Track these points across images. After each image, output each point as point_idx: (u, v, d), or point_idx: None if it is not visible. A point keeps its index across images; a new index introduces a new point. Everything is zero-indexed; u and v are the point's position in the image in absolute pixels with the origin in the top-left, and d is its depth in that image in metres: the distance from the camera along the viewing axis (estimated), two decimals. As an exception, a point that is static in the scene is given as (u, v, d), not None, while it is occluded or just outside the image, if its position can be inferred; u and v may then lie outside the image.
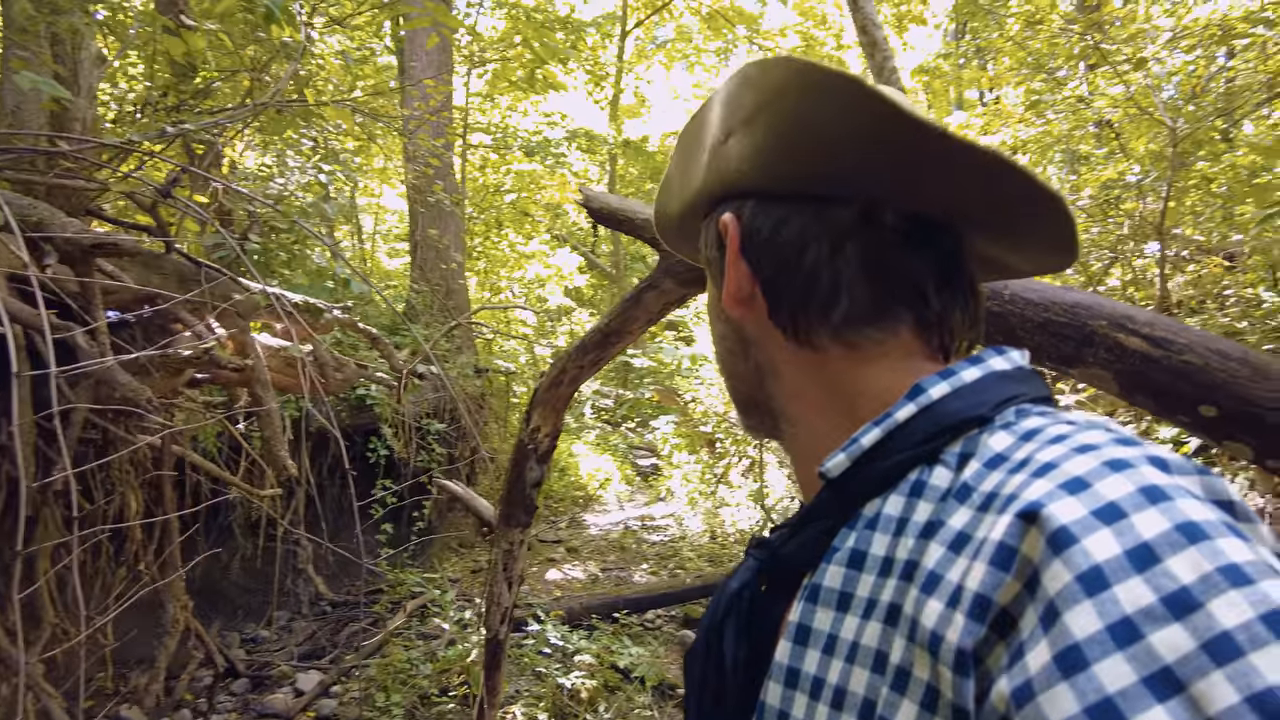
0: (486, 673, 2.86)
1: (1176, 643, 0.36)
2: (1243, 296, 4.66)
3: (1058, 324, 1.39)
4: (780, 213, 0.66)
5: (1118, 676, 0.36)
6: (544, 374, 2.46)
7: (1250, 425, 1.25)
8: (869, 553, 0.56)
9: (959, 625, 0.44)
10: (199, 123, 2.55)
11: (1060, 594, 0.39)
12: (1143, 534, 0.39)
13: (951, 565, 0.47)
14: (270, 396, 2.96)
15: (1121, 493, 0.42)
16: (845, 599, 0.56)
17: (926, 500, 0.54)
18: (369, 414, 6.23)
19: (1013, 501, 0.45)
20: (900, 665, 0.49)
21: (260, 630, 5.83)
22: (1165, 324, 1.34)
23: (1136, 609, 0.37)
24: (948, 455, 0.56)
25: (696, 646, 0.73)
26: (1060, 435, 0.49)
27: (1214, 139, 4.89)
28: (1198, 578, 0.37)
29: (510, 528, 2.66)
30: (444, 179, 7.73)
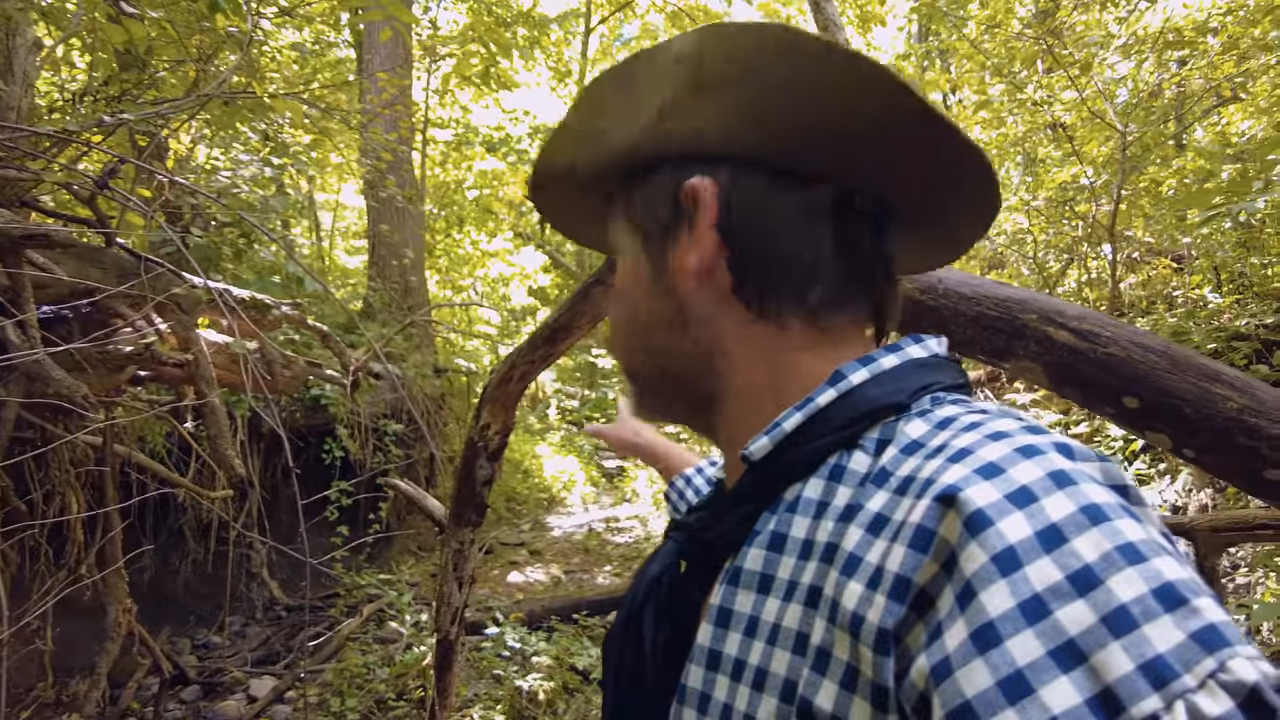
0: (438, 674, 2.82)
1: (1079, 617, 0.38)
2: (1190, 297, 4.78)
3: (990, 317, 1.40)
4: (761, 185, 0.63)
5: (1027, 651, 0.38)
6: (492, 372, 2.43)
7: (1168, 416, 1.27)
8: (789, 535, 0.57)
9: (880, 606, 0.45)
10: (139, 113, 2.47)
11: (976, 574, 0.41)
12: (1051, 516, 0.41)
13: (870, 547, 0.49)
14: (215, 393, 2.89)
15: (1032, 477, 0.44)
16: (766, 581, 0.57)
17: (845, 485, 0.55)
18: (324, 414, 6.13)
19: (930, 486, 0.47)
20: (821, 646, 0.49)
21: (212, 636, 5.69)
22: (1093, 318, 1.35)
23: (1045, 586, 0.39)
24: (866, 440, 0.57)
25: (615, 630, 0.72)
26: (974, 423, 0.51)
27: (1163, 144, 5.01)
28: (1099, 556, 0.40)
29: (461, 527, 2.62)
30: (402, 175, 7.63)
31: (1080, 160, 5.09)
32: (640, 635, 0.68)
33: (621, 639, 0.70)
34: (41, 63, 3.48)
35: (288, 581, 6.28)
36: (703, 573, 0.66)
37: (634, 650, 0.68)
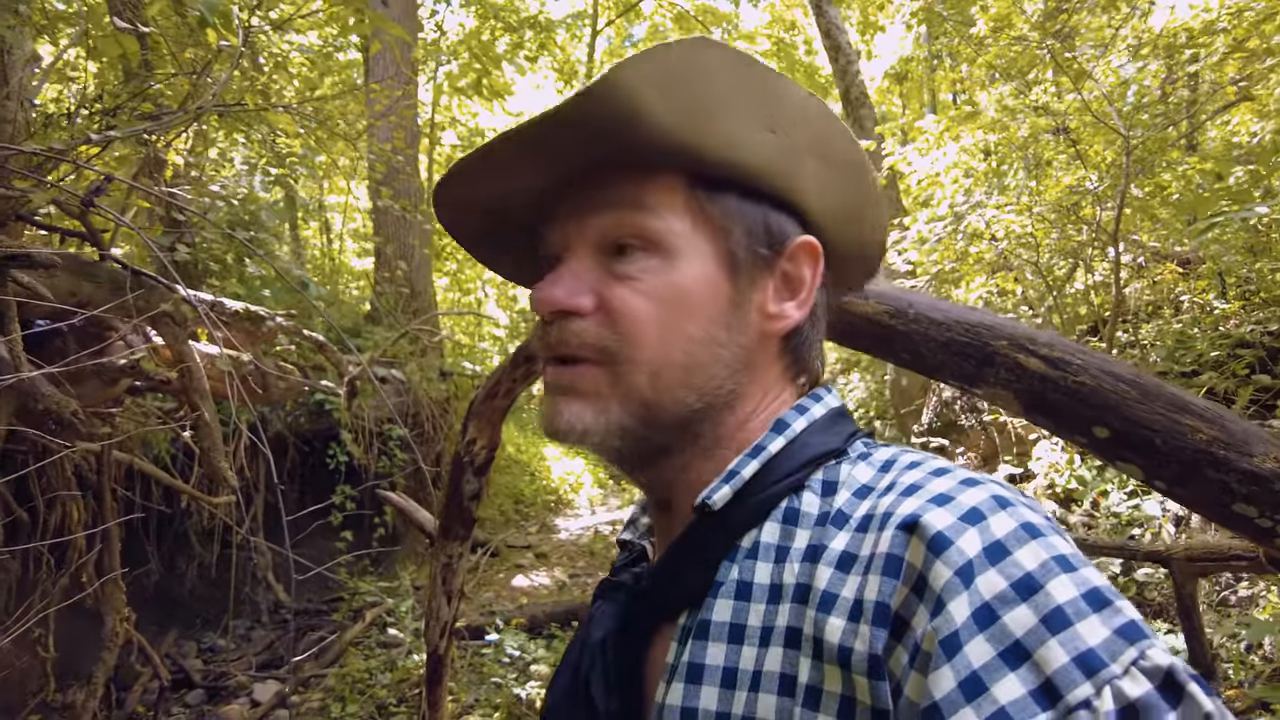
0: (428, 688, 2.82)
1: (1023, 619, 0.43)
2: (1195, 302, 4.72)
3: (960, 343, 1.39)
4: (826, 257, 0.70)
5: (981, 653, 0.43)
6: (478, 387, 2.42)
7: (1139, 446, 1.25)
8: (754, 582, 0.58)
9: (866, 635, 0.49)
10: (127, 129, 2.49)
11: (944, 588, 0.46)
12: (996, 533, 0.47)
13: (843, 583, 0.52)
14: (208, 406, 2.90)
15: (978, 500, 0.49)
16: (738, 630, 0.57)
17: (802, 527, 0.58)
18: (328, 419, 6.15)
19: (889, 519, 0.51)
20: (809, 684, 0.51)
21: (218, 639, 5.74)
22: (1064, 345, 1.33)
23: (993, 595, 0.44)
24: (812, 483, 0.61)
25: (557, 702, 0.70)
26: (914, 462, 0.57)
27: (1167, 147, 4.94)
28: (1038, 565, 0.45)
29: (449, 540, 2.62)
30: (409, 180, 7.65)
31: (1085, 164, 5.03)
32: (590, 704, 0.65)
33: (570, 708, 0.68)
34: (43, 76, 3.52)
35: (293, 586, 6.32)
36: (645, 633, 0.65)
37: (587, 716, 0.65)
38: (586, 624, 0.71)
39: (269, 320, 3.16)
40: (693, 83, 0.58)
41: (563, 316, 0.63)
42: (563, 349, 0.64)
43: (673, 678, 0.59)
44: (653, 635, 0.64)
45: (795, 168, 0.64)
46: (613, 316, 0.62)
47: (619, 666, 0.65)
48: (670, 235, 0.62)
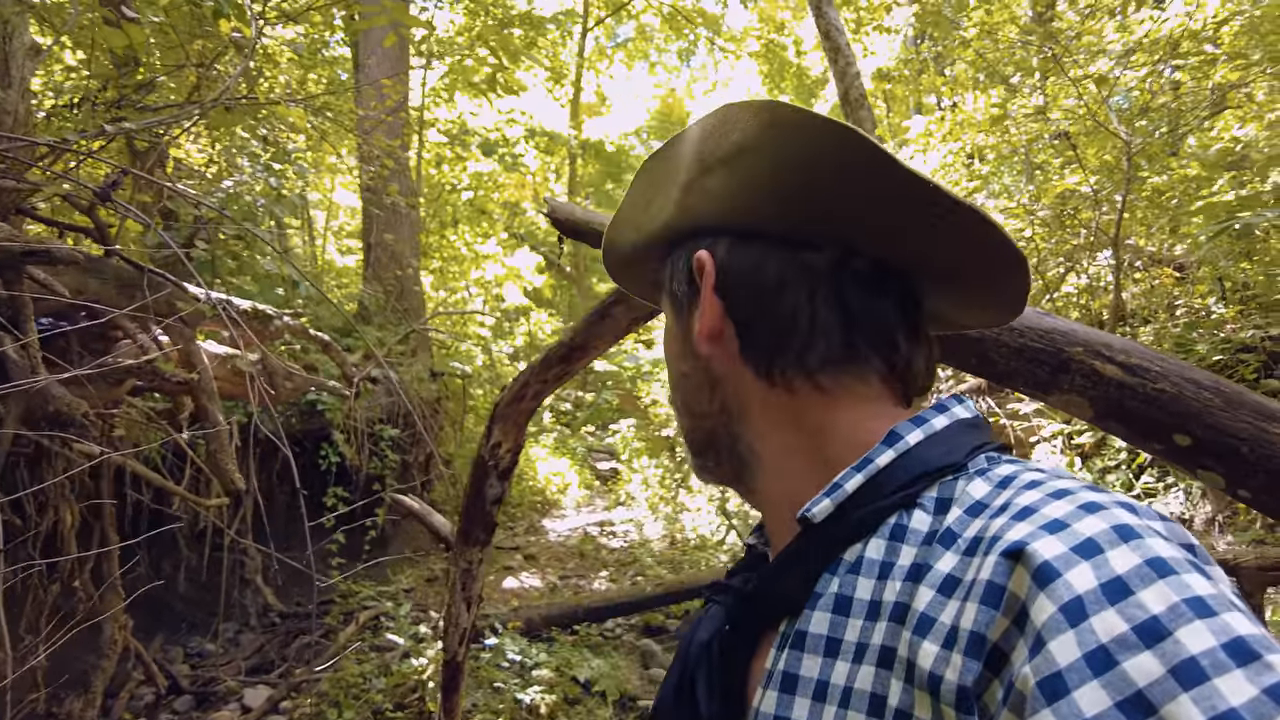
0: (444, 695, 2.77)
1: (1147, 669, 0.38)
2: (1192, 307, 4.78)
3: (1034, 349, 1.37)
4: (757, 253, 0.67)
5: (1094, 701, 0.39)
6: (505, 388, 2.38)
7: (1223, 454, 1.24)
8: (855, 597, 0.57)
9: (958, 665, 0.46)
10: (141, 121, 2.41)
11: (1045, 625, 0.42)
12: (1116, 568, 0.42)
13: (943, 608, 0.49)
14: (216, 408, 2.83)
15: (1097, 530, 0.44)
16: (834, 644, 0.57)
17: (909, 544, 0.56)
18: (319, 419, 6.05)
19: (996, 542, 0.48)
20: (899, 708, 0.50)
21: (206, 644, 5.61)
22: (1140, 352, 1.32)
23: (1111, 638, 0.40)
24: (925, 500, 0.58)
25: (664, 698, 0.72)
26: (1035, 481, 0.52)
27: (1163, 153, 5.00)
28: (1166, 608, 0.40)
29: (469, 546, 2.58)
30: (399, 178, 7.56)
31: (1083, 168, 5.08)
32: (695, 704, 0.67)
33: (673, 708, 0.70)
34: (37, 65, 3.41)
35: (283, 589, 6.20)
36: (751, 637, 0.66)
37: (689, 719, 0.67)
38: (696, 624, 0.72)
39: (276, 319, 3.09)
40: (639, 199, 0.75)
41: None
42: None
43: (769, 685, 0.60)
44: (758, 640, 0.65)
45: (695, 203, 0.69)
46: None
47: (722, 669, 0.66)
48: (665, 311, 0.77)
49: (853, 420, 0.64)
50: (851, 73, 5.72)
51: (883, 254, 0.65)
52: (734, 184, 0.65)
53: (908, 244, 0.64)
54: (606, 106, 15.39)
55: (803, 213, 0.64)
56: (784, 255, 0.66)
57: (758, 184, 0.64)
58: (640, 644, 5.43)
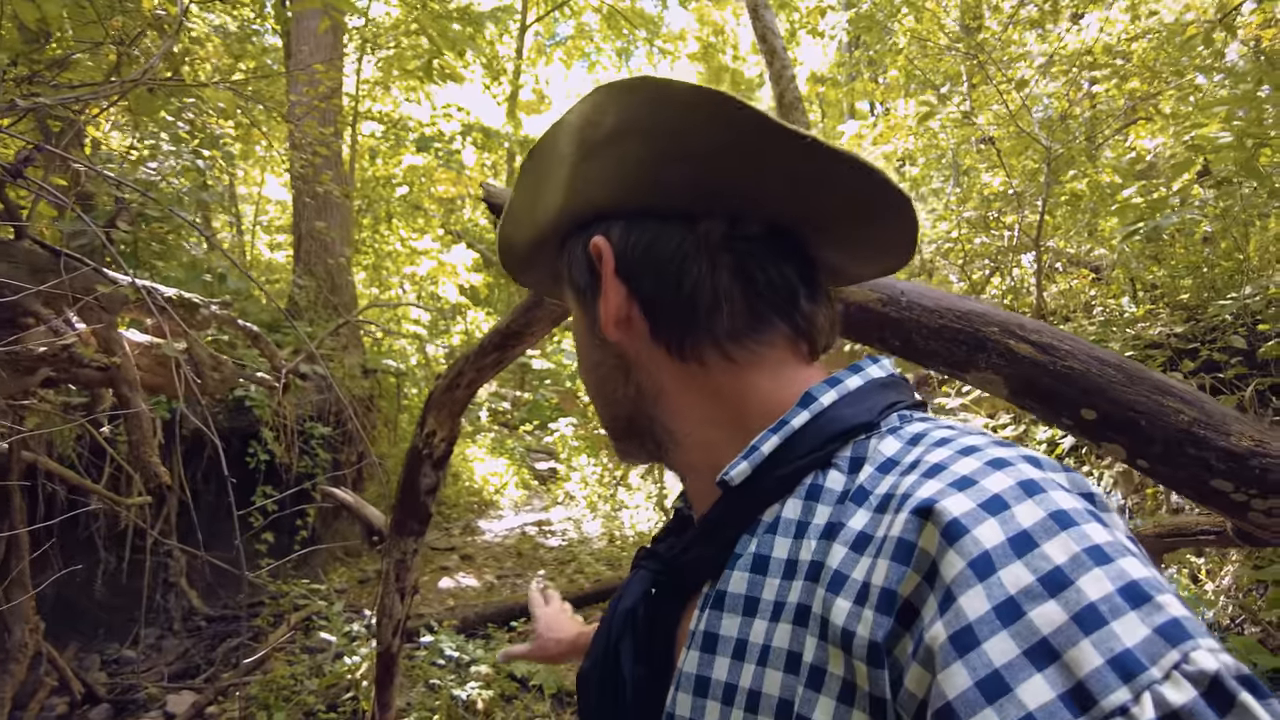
0: (378, 688, 2.73)
1: (1051, 617, 0.40)
2: (1107, 306, 5.02)
3: (952, 330, 1.43)
4: (651, 230, 0.66)
5: (1003, 651, 0.40)
6: (440, 376, 2.36)
7: (1124, 427, 1.32)
8: (772, 556, 0.58)
9: (869, 620, 0.47)
10: (57, 97, 2.31)
11: (955, 580, 0.43)
12: (1022, 522, 0.44)
13: (855, 564, 0.51)
14: (139, 398, 2.73)
15: (1003, 486, 0.46)
16: (752, 603, 0.58)
17: (824, 503, 0.57)
18: (247, 416, 5.87)
19: (907, 500, 0.49)
20: (814, 663, 0.51)
21: (125, 650, 5.39)
22: (1051, 331, 1.40)
23: (1018, 589, 0.41)
24: (839, 459, 0.59)
25: (589, 668, 0.73)
26: (944, 439, 0.54)
27: (1081, 159, 5.25)
28: (1068, 558, 0.42)
29: (403, 536, 2.54)
30: (332, 169, 7.39)
31: (1006, 172, 5.29)
32: (618, 669, 0.68)
33: (601, 675, 0.70)
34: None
35: (208, 591, 6.00)
36: (677, 601, 0.67)
37: (613, 685, 0.68)
38: (621, 591, 0.73)
39: (203, 308, 3.00)
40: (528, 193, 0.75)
41: None
42: None
43: (691, 645, 0.61)
44: (684, 604, 0.66)
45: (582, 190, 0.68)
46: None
47: (646, 633, 0.67)
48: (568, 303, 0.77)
49: (766, 385, 0.65)
50: (787, 75, 5.83)
51: (772, 215, 0.66)
52: (617, 166, 0.65)
53: (794, 201, 0.65)
54: (546, 104, 15.34)
55: (689, 185, 0.64)
56: (678, 229, 0.65)
57: (640, 163, 0.64)
58: (577, 639, 5.43)
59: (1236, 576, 3.17)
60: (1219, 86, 4.24)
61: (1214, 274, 4.41)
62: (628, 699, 0.66)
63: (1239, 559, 3.19)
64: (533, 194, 0.74)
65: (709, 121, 0.59)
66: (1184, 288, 4.52)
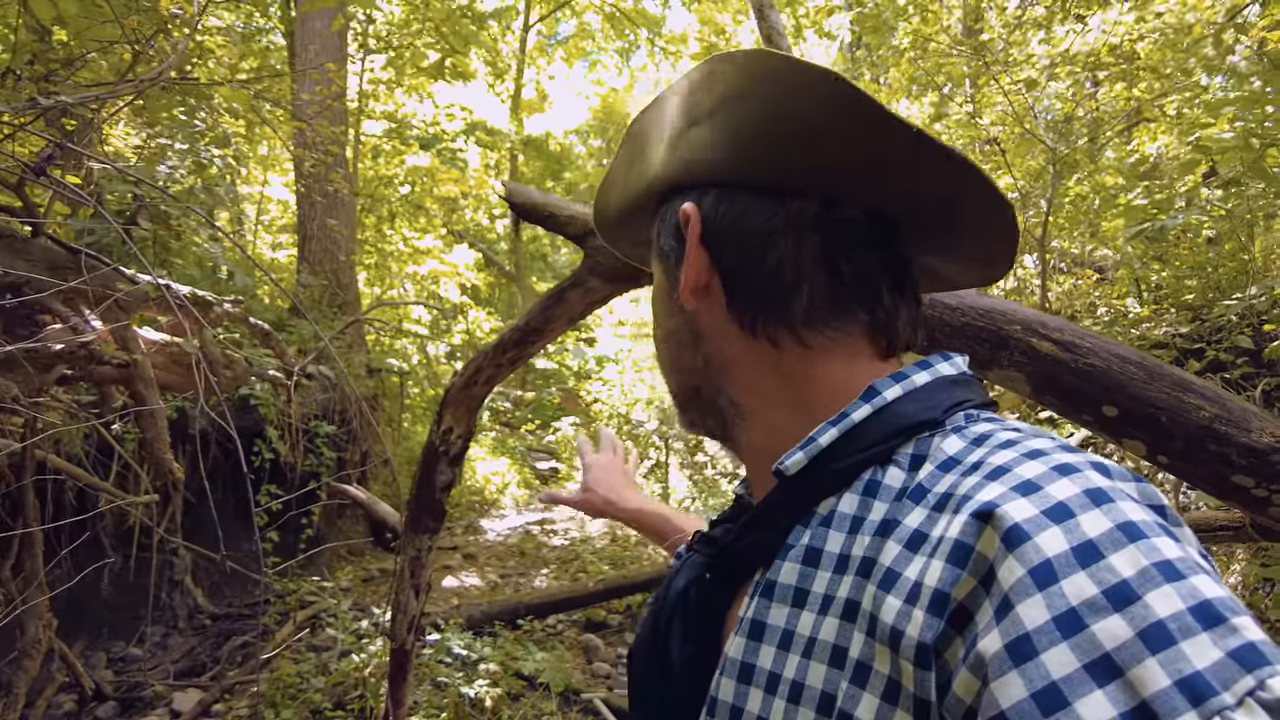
0: (392, 684, 2.74)
1: (1116, 632, 0.39)
2: (1111, 306, 5.04)
3: (975, 328, 1.45)
4: (743, 203, 0.65)
5: (1062, 664, 0.39)
6: (456, 374, 2.37)
7: (1145, 423, 1.34)
8: (824, 550, 0.58)
9: (919, 621, 0.46)
10: (77, 95, 2.33)
11: (1014, 587, 0.42)
12: (1088, 532, 0.42)
13: (909, 563, 0.50)
14: (154, 395, 2.75)
15: (1069, 494, 0.45)
16: (801, 595, 0.58)
17: (881, 500, 0.56)
18: (253, 415, 5.88)
19: (967, 502, 0.48)
20: (860, 660, 0.50)
21: (131, 648, 5.40)
22: (1072, 329, 1.42)
23: (1081, 601, 0.40)
24: (900, 456, 0.58)
25: (640, 644, 0.73)
26: (1010, 441, 0.53)
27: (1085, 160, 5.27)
28: (1136, 572, 0.41)
29: (418, 533, 2.56)
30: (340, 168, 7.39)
31: (1011, 172, 5.31)
32: (667, 649, 0.68)
33: (648, 653, 0.71)
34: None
35: (214, 589, 6.01)
36: (728, 585, 0.67)
37: (660, 664, 0.69)
38: (675, 572, 0.73)
39: (217, 306, 3.01)
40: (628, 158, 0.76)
41: None
42: None
43: (739, 631, 0.61)
44: (735, 589, 0.67)
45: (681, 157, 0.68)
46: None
47: (697, 616, 0.68)
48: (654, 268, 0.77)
49: (834, 374, 0.65)
50: (792, 75, 5.83)
51: (871, 203, 0.65)
52: (720, 135, 0.64)
53: (895, 192, 0.64)
54: (548, 104, 15.36)
55: (790, 161, 0.63)
56: (771, 204, 0.64)
57: (744, 134, 0.63)
58: (583, 639, 5.45)
59: (1244, 574, 3.19)
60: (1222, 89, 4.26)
61: (1219, 275, 4.43)
62: (674, 679, 0.67)
63: (1245, 557, 3.22)
64: (631, 161, 0.76)
65: (820, 101, 0.59)
66: (1189, 288, 4.54)
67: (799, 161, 0.63)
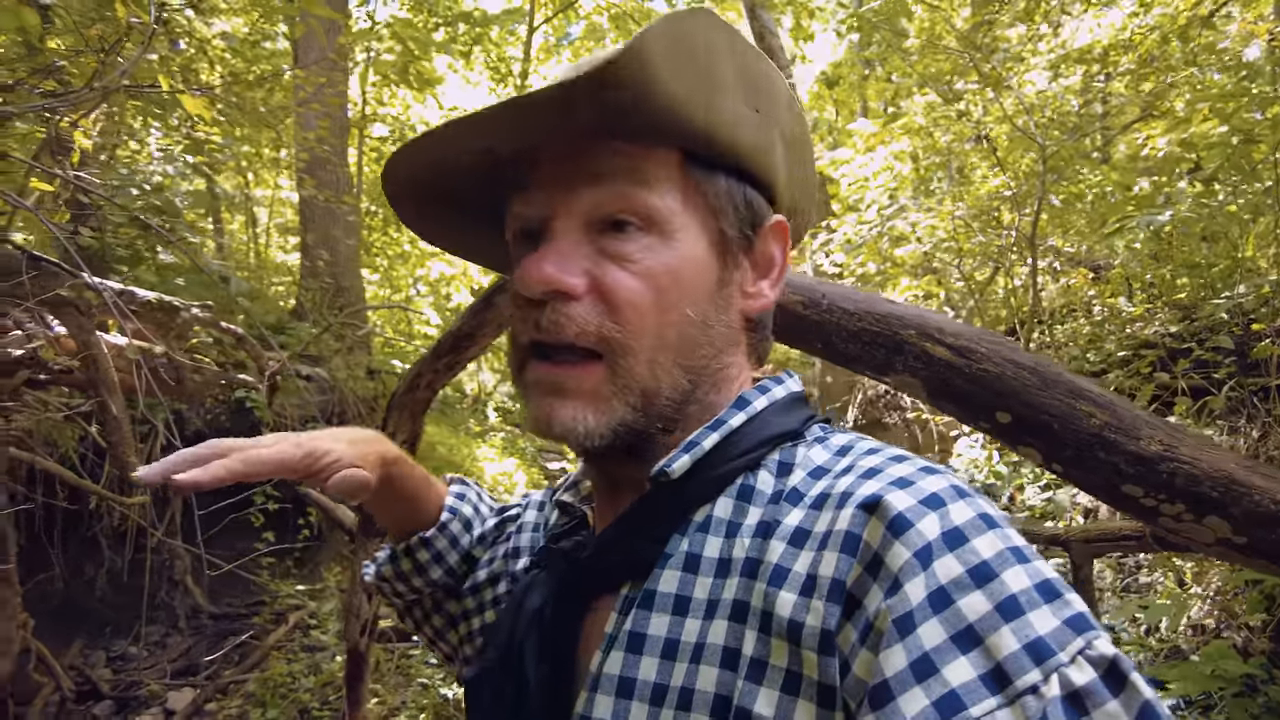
0: (349, 686, 2.76)
1: (977, 605, 0.45)
2: (1106, 305, 4.95)
3: (871, 333, 1.42)
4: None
5: (934, 635, 0.44)
6: (401, 378, 2.38)
7: (1038, 430, 1.30)
8: (703, 555, 0.58)
9: (820, 610, 0.49)
10: (26, 105, 2.36)
11: (902, 568, 0.47)
12: (955, 520, 0.48)
13: (796, 558, 0.53)
14: (117, 399, 2.78)
15: (939, 487, 0.50)
16: (683, 603, 0.57)
17: (755, 505, 0.59)
18: (248, 417, 5.95)
19: (849, 498, 0.52)
20: (755, 656, 0.52)
21: (129, 647, 5.49)
22: (970, 334, 1.38)
23: (949, 579, 0.46)
24: (769, 462, 0.61)
25: (486, 671, 0.69)
26: (873, 449, 0.58)
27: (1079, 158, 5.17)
28: (995, 554, 0.46)
29: (370, 537, 2.57)
30: (338, 171, 7.46)
31: (1004, 170, 5.23)
32: (522, 673, 0.64)
33: (500, 679, 0.67)
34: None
35: (213, 590, 6.09)
36: (583, 600, 0.65)
37: (515, 687, 0.65)
38: (523, 591, 0.70)
39: (184, 311, 3.04)
40: (701, 57, 0.58)
41: (555, 297, 0.59)
42: (558, 335, 0.60)
43: (611, 647, 0.59)
44: (592, 605, 0.64)
45: (772, 147, 0.67)
46: (611, 302, 0.59)
47: (555, 635, 0.64)
48: (667, 213, 0.61)
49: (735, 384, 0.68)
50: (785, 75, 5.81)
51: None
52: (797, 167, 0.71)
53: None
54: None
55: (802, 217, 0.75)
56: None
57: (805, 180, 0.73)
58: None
59: (1224, 579, 3.11)
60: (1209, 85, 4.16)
61: (1212, 273, 4.33)
62: (532, 702, 0.63)
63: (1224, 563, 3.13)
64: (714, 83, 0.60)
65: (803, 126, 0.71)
66: (1181, 286, 4.44)
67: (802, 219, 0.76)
